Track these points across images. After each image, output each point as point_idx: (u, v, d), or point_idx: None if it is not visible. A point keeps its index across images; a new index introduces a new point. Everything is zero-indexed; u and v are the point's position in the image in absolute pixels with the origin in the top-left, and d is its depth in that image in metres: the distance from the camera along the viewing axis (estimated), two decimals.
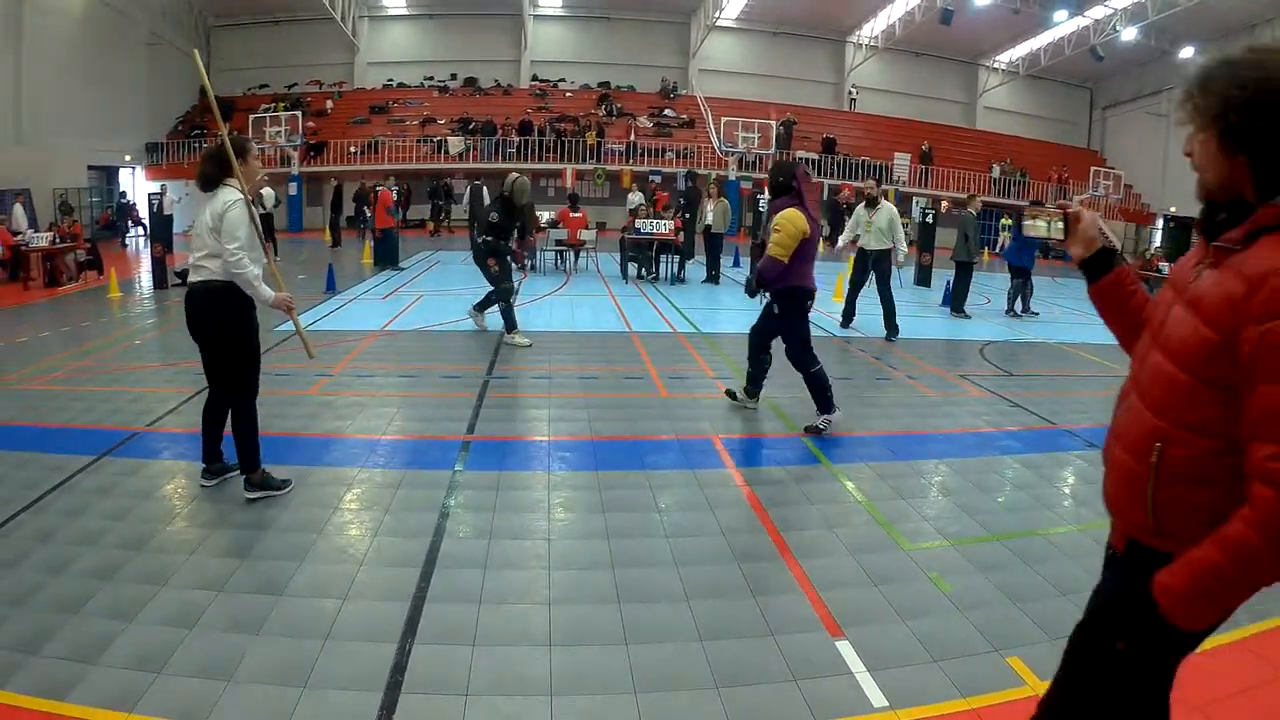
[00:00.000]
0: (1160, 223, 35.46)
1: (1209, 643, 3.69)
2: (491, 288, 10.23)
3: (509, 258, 10.30)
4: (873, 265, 11.68)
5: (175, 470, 5.60)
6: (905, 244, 11.57)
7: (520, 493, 5.30)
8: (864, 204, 11.84)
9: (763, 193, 15.88)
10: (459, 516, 4.88)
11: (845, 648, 3.60)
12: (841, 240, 12.71)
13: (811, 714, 3.15)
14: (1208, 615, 1.84)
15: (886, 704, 3.23)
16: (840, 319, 12.21)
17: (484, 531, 4.67)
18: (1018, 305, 14.78)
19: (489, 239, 9.98)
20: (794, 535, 4.73)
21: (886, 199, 13.91)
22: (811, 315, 6.89)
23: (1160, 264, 19.96)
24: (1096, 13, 30.71)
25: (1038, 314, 14.91)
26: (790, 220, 6.44)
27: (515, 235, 10.99)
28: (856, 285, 12.06)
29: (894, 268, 11.76)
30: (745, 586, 4.10)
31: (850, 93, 37.80)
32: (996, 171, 34.82)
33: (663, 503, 5.14)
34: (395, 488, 5.31)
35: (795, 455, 6.18)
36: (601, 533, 4.69)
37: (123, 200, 26.68)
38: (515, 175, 10.10)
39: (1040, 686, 3.38)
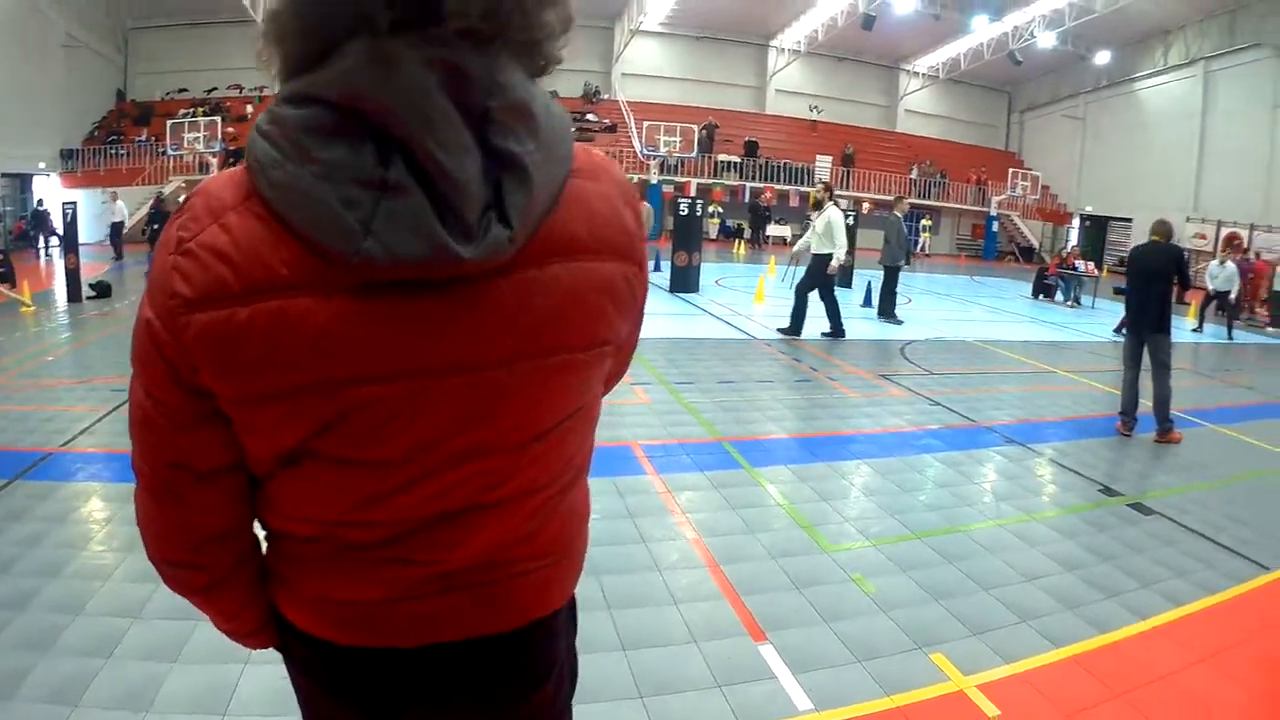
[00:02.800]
0: (1076, 221, 36.60)
1: (1127, 630, 3.89)
2: None
3: None
4: (810, 267, 11.83)
5: (90, 493, 5.43)
6: (843, 246, 11.62)
7: None
8: (811, 207, 12.01)
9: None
10: None
11: (769, 652, 3.65)
12: (798, 246, 12.97)
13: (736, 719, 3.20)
14: None
15: (811, 707, 3.28)
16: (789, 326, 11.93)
17: None
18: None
19: None
20: (715, 541, 4.78)
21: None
22: (738, 321, 6.93)
23: (1076, 262, 20.55)
24: (1015, 18, 31.53)
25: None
26: None
27: None
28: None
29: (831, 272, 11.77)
30: (667, 594, 4.14)
31: (814, 109, 38.17)
32: (915, 173, 35.56)
33: None
34: None
35: (715, 460, 6.23)
36: None
37: (39, 209, 25.77)
38: None
39: (962, 681, 3.50)
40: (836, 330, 11.84)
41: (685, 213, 16.23)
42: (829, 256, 11.58)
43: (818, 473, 6.07)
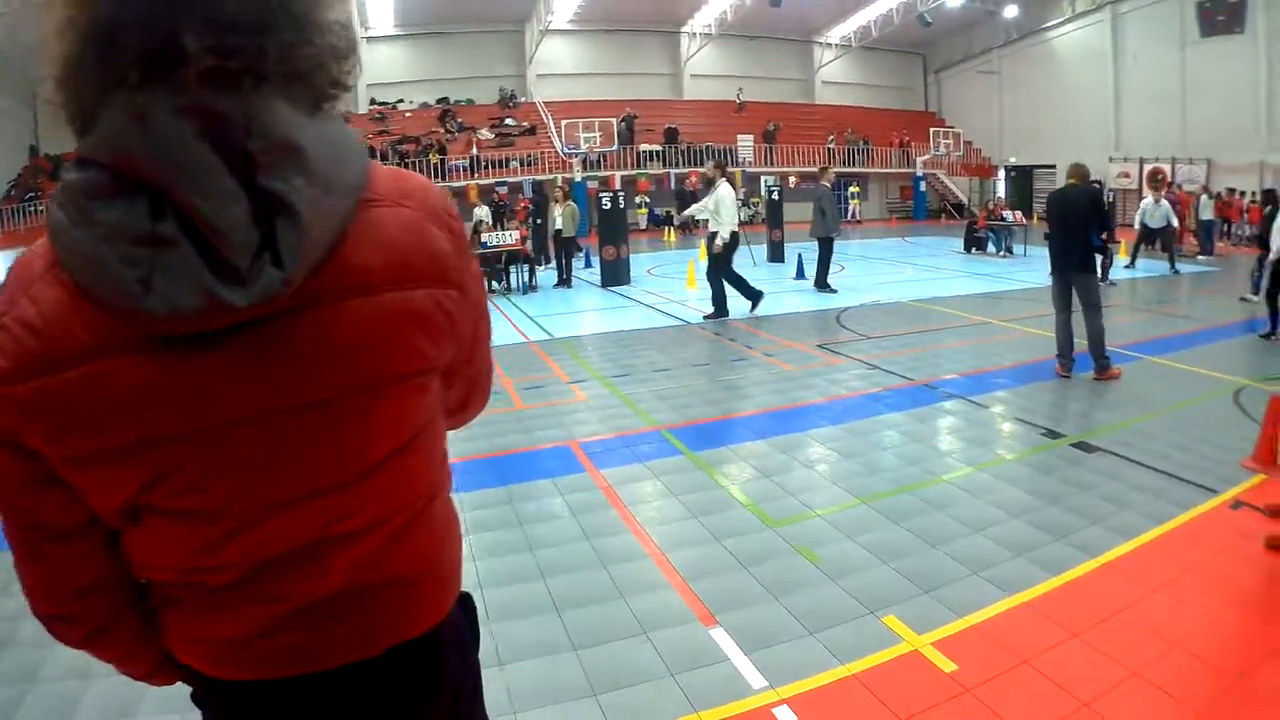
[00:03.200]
0: (1002, 173, 37.09)
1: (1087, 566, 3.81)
2: None
3: None
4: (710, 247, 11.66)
5: None
6: (730, 225, 11.38)
7: None
8: (703, 184, 11.88)
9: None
10: None
11: (720, 634, 3.54)
12: (683, 215, 13.53)
13: (691, 705, 3.08)
14: None
15: (766, 684, 3.19)
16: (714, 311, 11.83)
17: None
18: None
19: None
20: (658, 530, 4.65)
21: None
22: (671, 308, 6.79)
23: (1004, 212, 20.74)
24: None
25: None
26: None
27: None
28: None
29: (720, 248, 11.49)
30: (614, 589, 3.99)
31: (738, 93, 38.20)
32: (831, 142, 35.74)
33: (525, 516, 4.97)
34: None
35: (654, 449, 6.08)
36: (468, 555, 4.50)
37: None
38: None
39: (917, 640, 3.41)
40: (719, 310, 11.68)
41: (609, 206, 16.05)
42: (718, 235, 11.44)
43: (759, 450, 5.96)
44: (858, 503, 4.91)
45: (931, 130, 36.18)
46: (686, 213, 13.51)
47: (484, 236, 16.09)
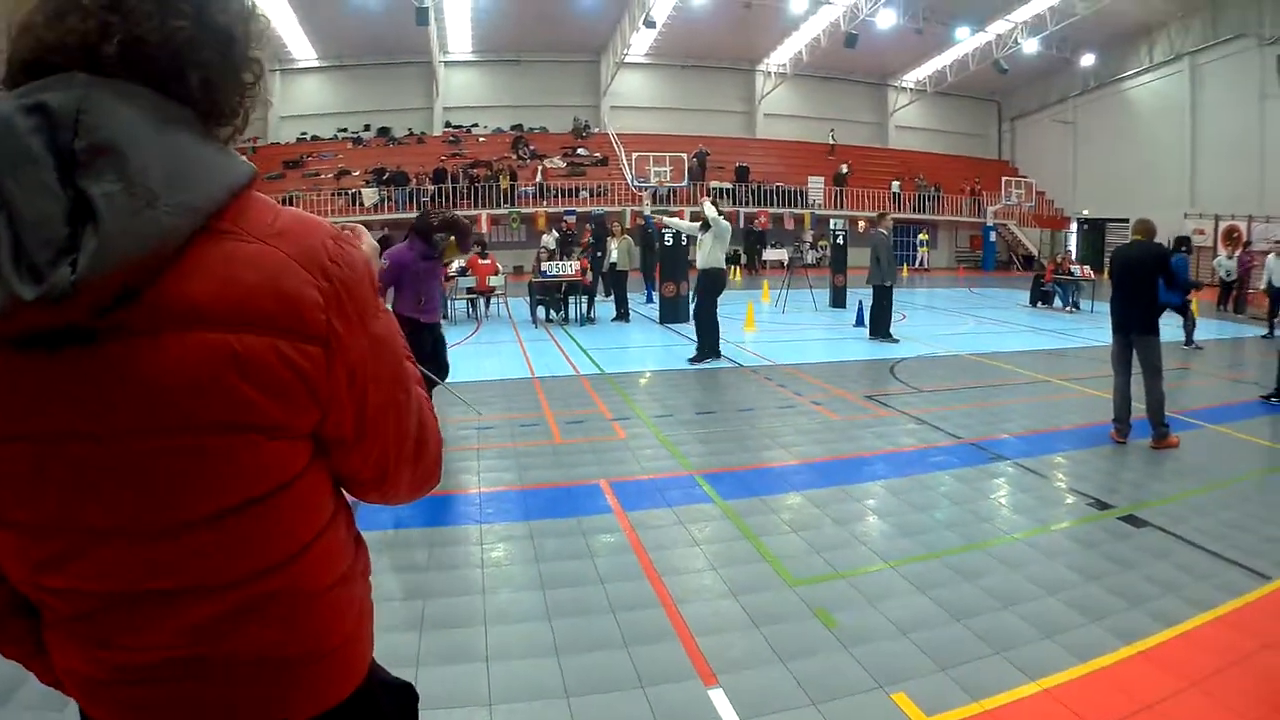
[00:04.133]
0: (1074, 226, 36.38)
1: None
2: None
3: None
4: (701, 285, 11.40)
5: None
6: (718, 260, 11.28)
7: (399, 552, 5.01)
8: (700, 225, 11.53)
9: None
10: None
11: (718, 696, 3.40)
12: (674, 223, 13.98)
13: None
14: None
15: None
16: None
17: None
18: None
19: None
20: (674, 579, 4.51)
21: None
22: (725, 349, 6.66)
23: (1072, 266, 20.28)
24: (998, 27, 31.57)
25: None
26: None
27: None
28: None
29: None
30: (619, 637, 3.88)
31: (830, 133, 38.19)
32: (896, 187, 35.39)
33: (543, 554, 4.88)
34: None
35: (685, 495, 5.95)
36: (477, 588, 4.43)
37: None
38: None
39: None
40: (703, 354, 11.52)
41: (670, 243, 16.02)
42: (715, 270, 11.20)
43: (792, 503, 5.80)
44: (884, 566, 4.72)
45: (1004, 179, 35.72)
46: (674, 222, 13.43)
47: (544, 265, 16.18)
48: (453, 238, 6.93)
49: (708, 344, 11.49)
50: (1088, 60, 34.02)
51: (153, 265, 0.92)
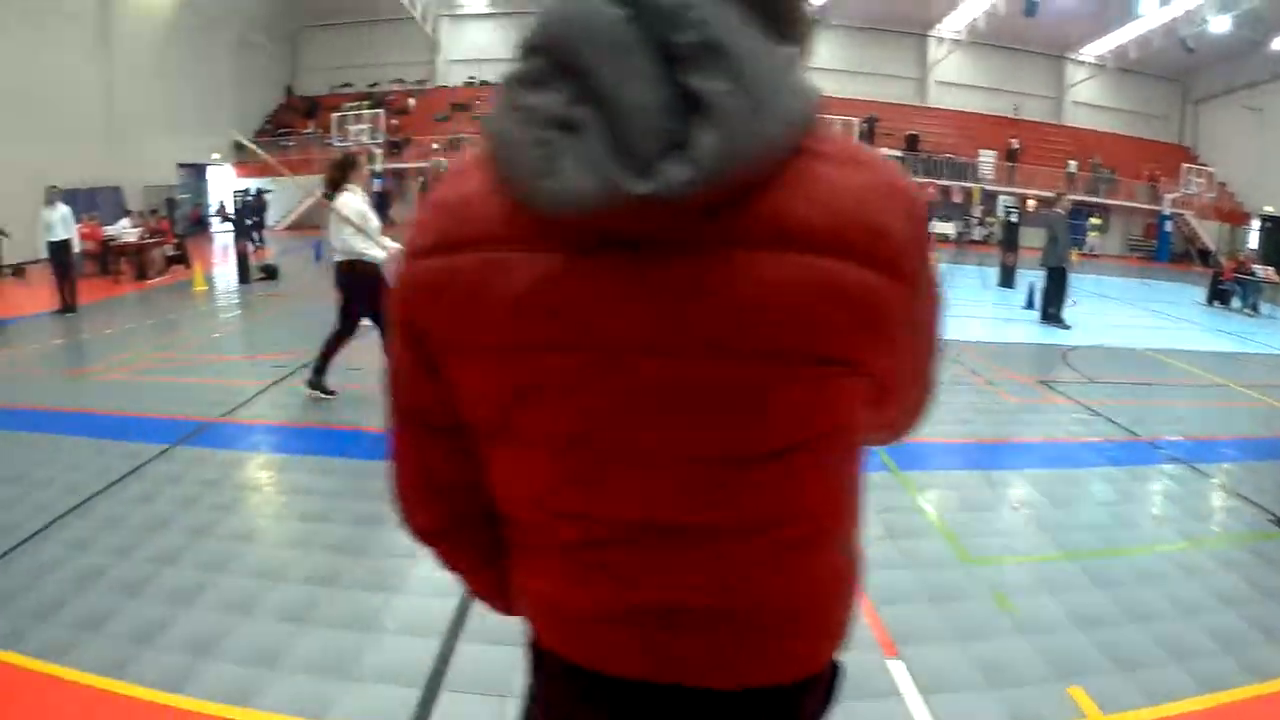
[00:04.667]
0: (1256, 223, 33.94)
1: None
2: None
3: None
4: None
5: (244, 460, 5.75)
6: None
7: None
8: None
9: None
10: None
11: (897, 667, 3.47)
12: None
13: None
14: None
15: None
16: None
17: None
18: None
19: None
20: None
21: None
22: None
23: (1253, 266, 19.03)
24: (1186, 2, 29.51)
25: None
26: None
27: None
28: None
29: None
30: None
31: (1015, 108, 37.02)
32: (1073, 167, 33.71)
33: None
34: None
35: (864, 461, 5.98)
36: None
37: (222, 205, 27.21)
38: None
39: (1100, 719, 3.23)
40: None
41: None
42: None
43: (967, 480, 5.80)
44: (1062, 557, 4.68)
45: (1183, 166, 33.47)
46: None
47: None
48: None
49: None
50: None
51: (758, 175, 0.86)
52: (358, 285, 6.85)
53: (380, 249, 6.91)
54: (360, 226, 6.84)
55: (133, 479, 5.23)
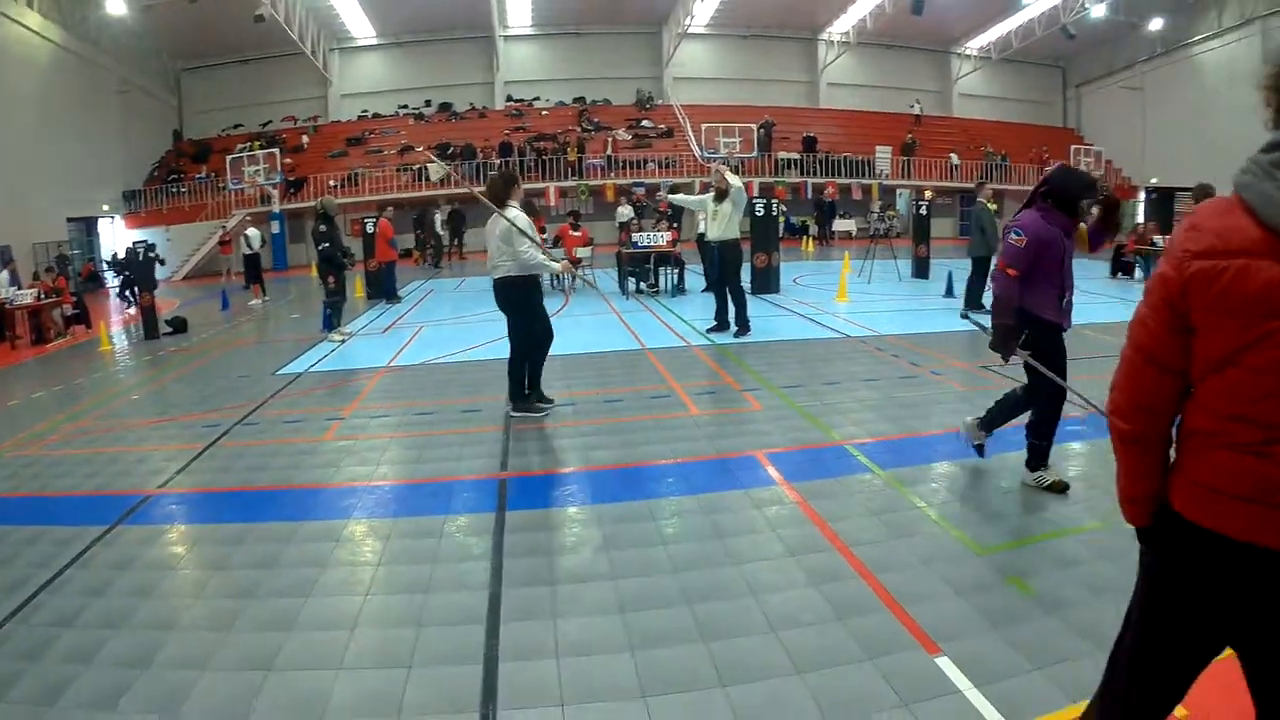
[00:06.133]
0: (1143, 195, 35.43)
1: None
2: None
3: None
4: (724, 258, 11.15)
5: (198, 537, 5.26)
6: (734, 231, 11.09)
7: (570, 529, 5.03)
8: (713, 195, 11.21)
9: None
10: (514, 563, 4.55)
11: (946, 664, 3.38)
12: (680, 199, 13.03)
13: None
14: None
15: None
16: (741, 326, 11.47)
17: (542, 577, 4.35)
18: None
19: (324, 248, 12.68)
20: (864, 550, 4.48)
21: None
22: (825, 319, 6.60)
23: (1155, 237, 19.72)
24: None
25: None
26: None
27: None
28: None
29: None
30: (829, 609, 3.86)
31: (915, 104, 37.79)
32: (955, 160, 34.72)
33: (722, 528, 4.86)
34: (438, 536, 4.95)
35: (843, 464, 5.92)
36: (667, 567, 4.40)
37: (114, 255, 26.03)
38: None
39: None
40: (742, 325, 11.32)
41: (762, 213, 15.86)
42: (736, 241, 11.00)
43: (950, 472, 5.76)
44: (1062, 534, 4.66)
45: (1071, 148, 34.77)
46: (681, 198, 13.12)
47: (634, 236, 16.15)
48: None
49: (740, 319, 11.28)
50: (1156, 25, 32.99)
51: None
52: (518, 298, 7.24)
53: (553, 260, 7.48)
54: (535, 239, 7.13)
55: (76, 569, 4.67)
